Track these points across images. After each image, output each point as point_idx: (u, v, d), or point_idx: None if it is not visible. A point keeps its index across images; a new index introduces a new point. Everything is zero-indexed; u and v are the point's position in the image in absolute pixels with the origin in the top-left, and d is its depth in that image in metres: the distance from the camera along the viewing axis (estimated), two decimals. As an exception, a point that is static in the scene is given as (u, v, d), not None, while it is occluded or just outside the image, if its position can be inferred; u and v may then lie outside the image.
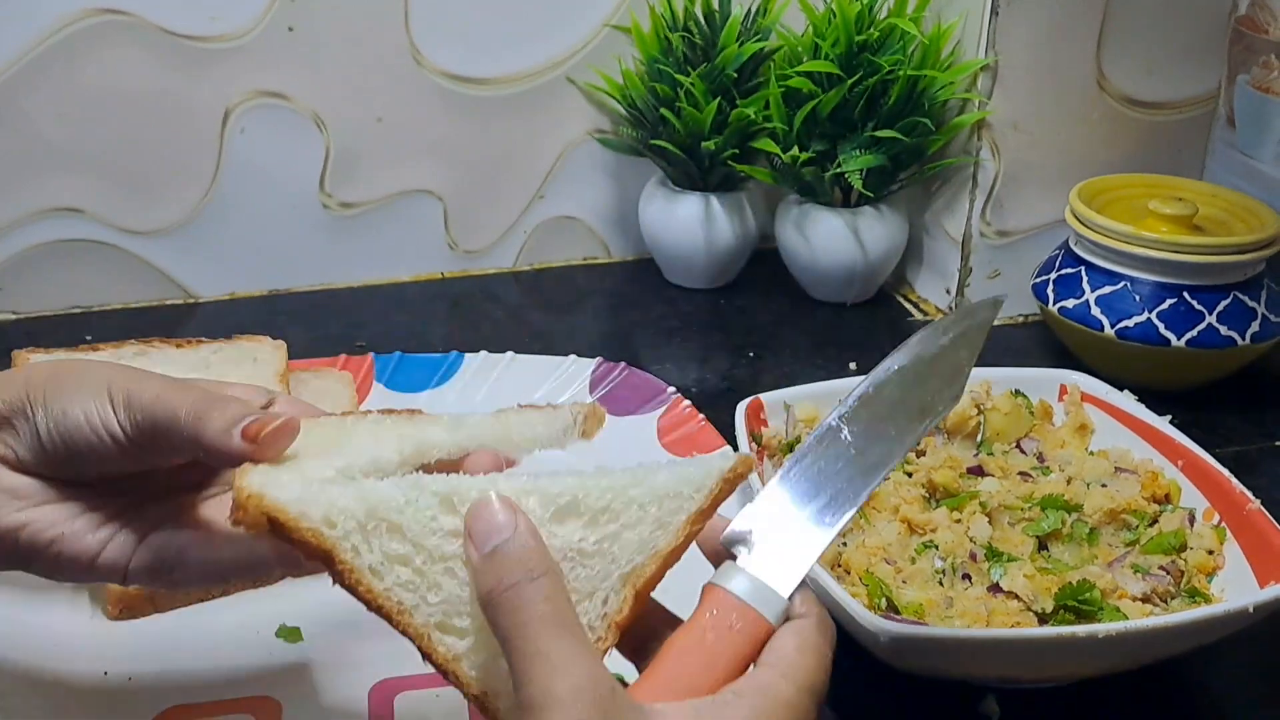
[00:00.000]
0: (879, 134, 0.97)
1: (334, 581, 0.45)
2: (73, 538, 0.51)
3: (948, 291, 1.05)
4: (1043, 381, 0.79)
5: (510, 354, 0.89)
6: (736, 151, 1.02)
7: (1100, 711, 0.63)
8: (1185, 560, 0.66)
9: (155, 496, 0.53)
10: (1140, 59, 0.98)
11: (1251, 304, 0.88)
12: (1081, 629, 0.57)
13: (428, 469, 0.49)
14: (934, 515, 0.69)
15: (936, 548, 0.67)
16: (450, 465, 0.50)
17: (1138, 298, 0.88)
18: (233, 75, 1.00)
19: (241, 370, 0.74)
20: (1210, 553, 0.66)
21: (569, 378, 0.87)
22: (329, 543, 0.44)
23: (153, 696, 0.60)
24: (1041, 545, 0.68)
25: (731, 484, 0.47)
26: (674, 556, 0.48)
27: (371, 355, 0.89)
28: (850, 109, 0.98)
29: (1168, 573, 0.65)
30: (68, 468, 0.50)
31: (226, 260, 1.05)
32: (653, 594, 0.48)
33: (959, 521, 0.69)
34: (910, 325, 1.05)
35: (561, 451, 0.55)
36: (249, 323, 0.98)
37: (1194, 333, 0.87)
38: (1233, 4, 0.99)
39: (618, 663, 0.47)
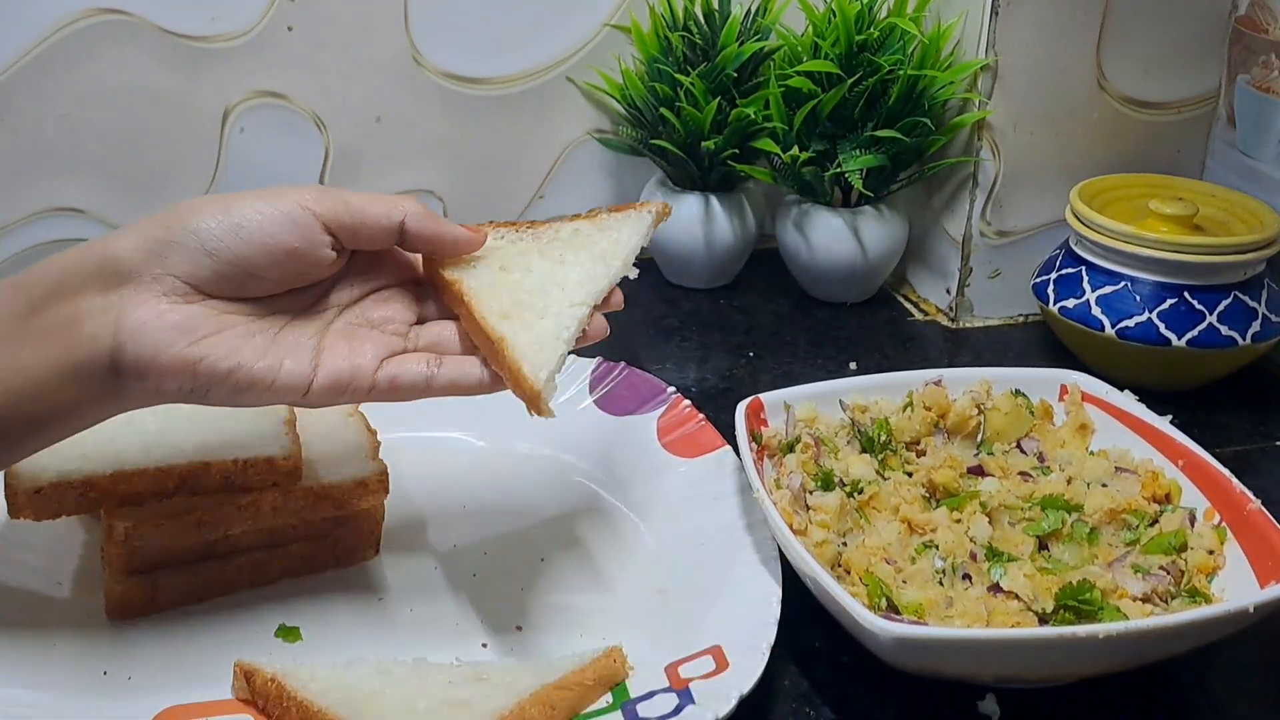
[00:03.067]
0: (879, 134, 0.97)
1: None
2: (250, 363, 0.54)
3: (948, 291, 1.05)
4: (1043, 381, 0.79)
5: (510, 354, 0.88)
6: (736, 151, 1.02)
7: (1100, 711, 0.63)
8: (1185, 560, 0.66)
9: (308, 317, 0.58)
10: (1140, 59, 0.98)
11: (1252, 304, 0.88)
12: (1082, 629, 0.57)
13: None
14: (934, 515, 0.69)
15: (937, 548, 0.67)
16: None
17: (1138, 298, 0.88)
18: (232, 75, 1.00)
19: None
20: (1211, 553, 0.66)
21: (569, 377, 0.87)
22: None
23: (152, 696, 0.60)
24: (1042, 545, 0.68)
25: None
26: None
27: (371, 355, 0.89)
28: (850, 109, 0.98)
29: (1168, 573, 0.65)
30: (241, 278, 0.54)
31: (226, 260, 1.05)
32: None
33: (959, 521, 0.69)
34: (910, 325, 1.05)
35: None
36: (249, 322, 0.98)
37: (1194, 333, 0.87)
38: (1232, 4, 0.99)
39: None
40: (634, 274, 0.64)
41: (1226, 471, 0.69)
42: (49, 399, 0.53)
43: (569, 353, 0.59)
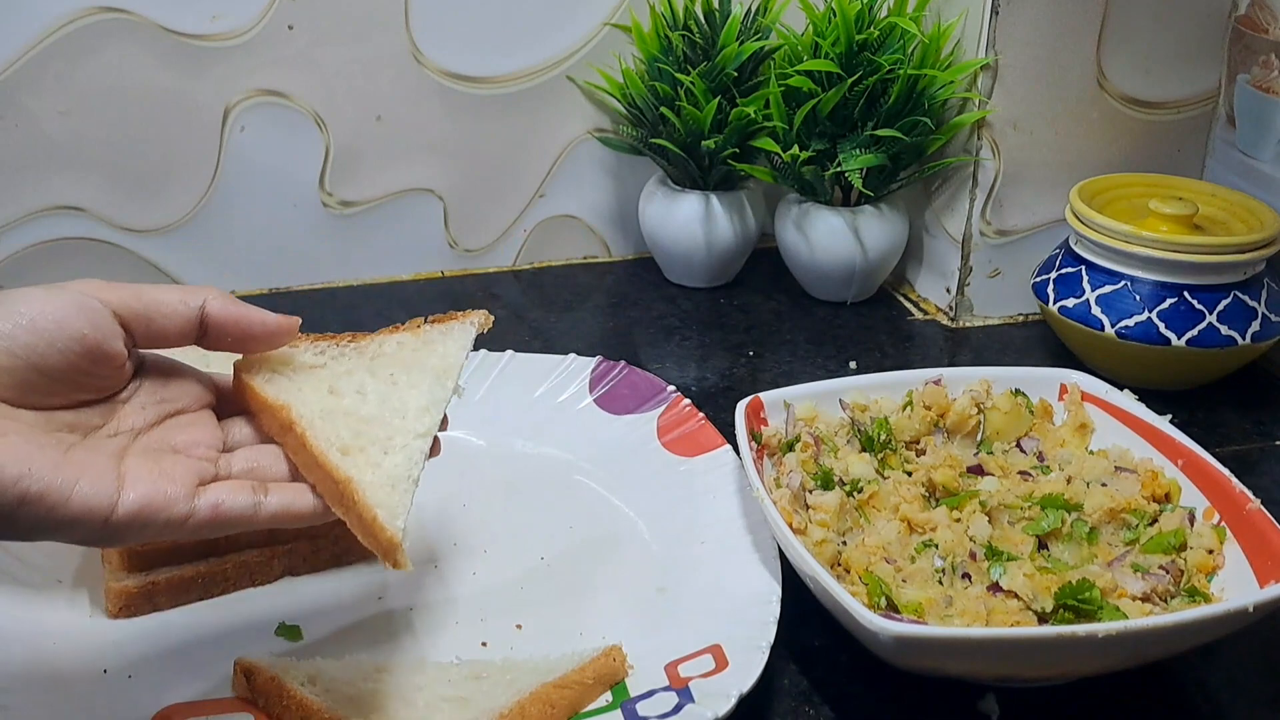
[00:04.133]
0: (879, 133, 0.97)
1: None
2: (41, 471, 0.46)
3: (948, 291, 1.05)
4: (1043, 381, 0.79)
5: (510, 352, 0.89)
6: (736, 150, 1.02)
7: (1099, 710, 0.63)
8: (1185, 560, 0.66)
9: (106, 437, 0.52)
10: (1140, 58, 0.98)
11: (1252, 303, 0.88)
12: (1081, 628, 0.57)
13: None
14: (934, 514, 0.69)
15: (936, 547, 0.67)
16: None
17: (1138, 297, 0.88)
18: (233, 74, 1.00)
19: (241, 369, 0.74)
20: (1210, 552, 0.66)
21: (569, 376, 0.87)
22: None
23: (153, 694, 0.60)
24: (1041, 544, 0.68)
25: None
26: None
27: (371, 354, 0.89)
28: (850, 108, 0.98)
29: (1167, 572, 0.65)
30: (23, 377, 0.48)
31: (226, 259, 1.05)
32: None
33: (959, 521, 0.69)
34: (910, 324, 1.05)
35: None
36: (249, 321, 0.98)
37: (1194, 332, 0.87)
38: (1232, 3, 0.99)
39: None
40: (460, 393, 0.60)
41: (1226, 471, 0.69)
42: None
43: None
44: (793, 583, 0.65)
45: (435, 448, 0.58)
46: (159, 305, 0.52)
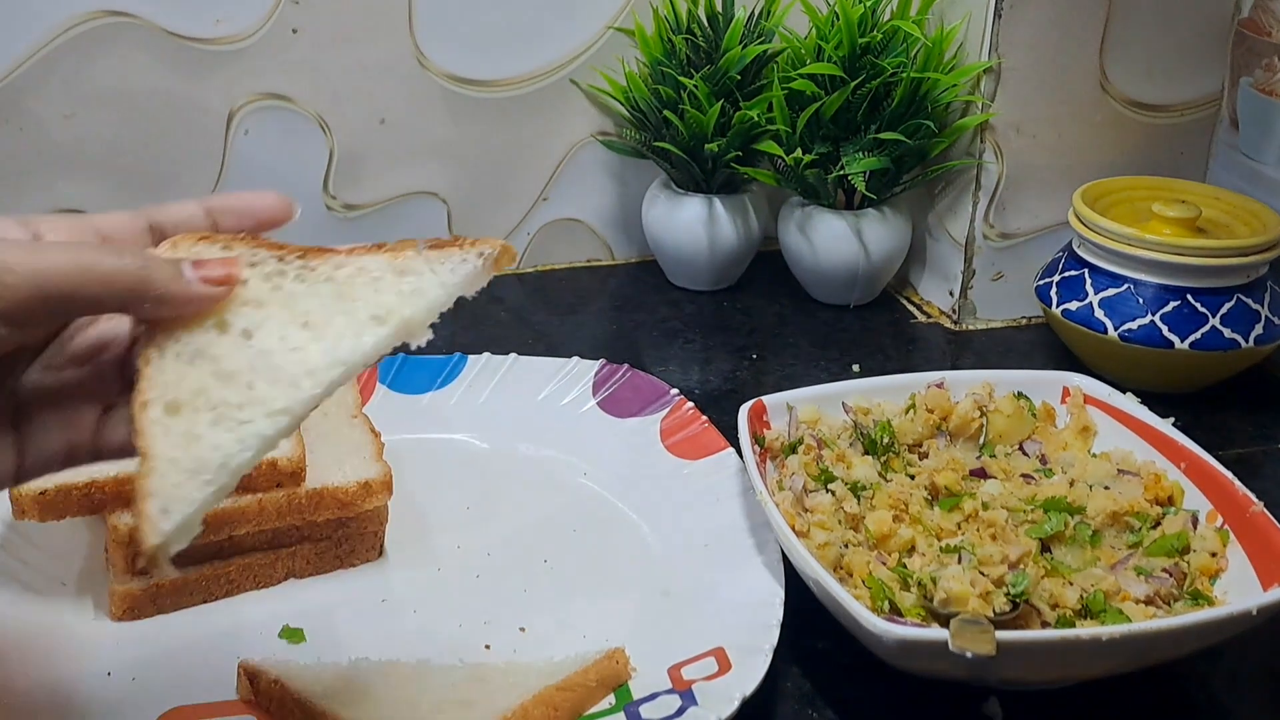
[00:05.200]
0: (882, 136, 0.97)
1: None
2: None
3: (951, 294, 1.05)
4: (1045, 383, 0.79)
5: (513, 355, 0.89)
6: (739, 154, 1.02)
7: (1103, 713, 0.63)
8: (1188, 563, 0.66)
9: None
10: (1143, 61, 0.98)
11: (1255, 306, 0.88)
12: (1085, 631, 0.57)
13: None
14: (935, 516, 0.69)
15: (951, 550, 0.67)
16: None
17: (1141, 300, 0.88)
18: (237, 77, 1.00)
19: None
20: (1213, 555, 0.66)
21: (572, 379, 0.87)
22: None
23: (156, 697, 0.60)
24: (1044, 547, 0.68)
25: None
26: None
27: (375, 356, 0.89)
28: (853, 111, 0.98)
29: (1170, 575, 0.65)
30: None
31: (230, 262, 1.05)
32: None
33: (961, 526, 0.69)
34: (913, 327, 1.05)
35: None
36: (253, 324, 0.98)
37: (1197, 335, 0.87)
38: (1235, 6, 0.99)
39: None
40: (422, 342, 0.47)
41: (1229, 474, 0.69)
42: None
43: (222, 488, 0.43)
44: (796, 585, 0.65)
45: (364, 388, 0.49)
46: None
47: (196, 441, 0.43)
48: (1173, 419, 0.75)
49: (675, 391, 0.84)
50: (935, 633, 0.59)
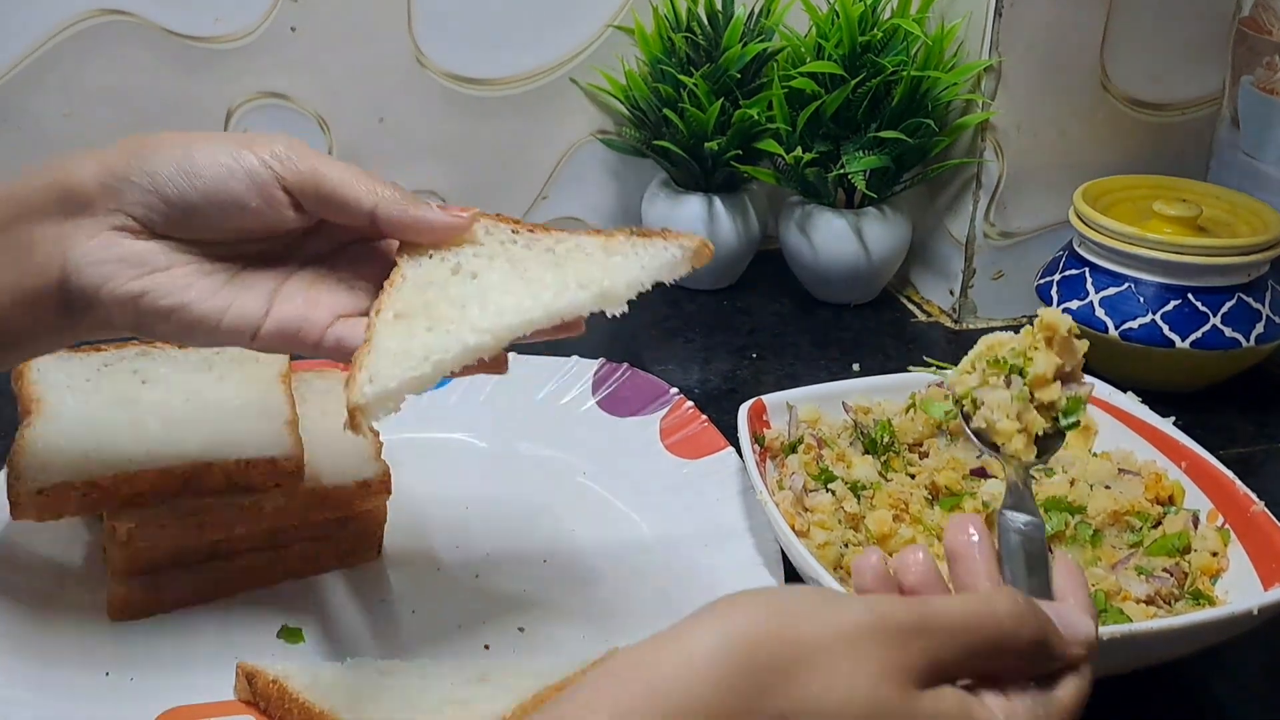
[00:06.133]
0: (882, 135, 0.97)
1: None
2: (196, 302, 0.52)
3: (951, 293, 1.04)
4: (1046, 383, 0.79)
5: (513, 354, 0.88)
6: (739, 152, 1.02)
7: (1103, 713, 0.63)
8: (1189, 562, 0.66)
9: (271, 263, 0.55)
10: (1144, 60, 0.98)
11: (1256, 305, 0.88)
12: (1085, 631, 0.57)
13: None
14: (934, 515, 0.69)
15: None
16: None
17: (1142, 299, 0.88)
18: (235, 76, 1.00)
19: (244, 370, 0.74)
20: (1214, 555, 0.66)
21: (572, 378, 0.87)
22: None
23: (155, 697, 0.60)
24: (1045, 547, 0.68)
25: None
26: None
27: (374, 356, 0.89)
28: (854, 110, 0.98)
29: (1171, 575, 0.65)
30: (193, 225, 0.52)
31: (229, 261, 1.05)
32: None
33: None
34: (914, 326, 1.05)
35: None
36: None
37: (1198, 334, 0.87)
38: (1236, 5, 0.99)
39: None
40: (618, 311, 0.56)
41: (1230, 473, 0.69)
42: (3, 323, 0.53)
43: (438, 383, 0.52)
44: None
45: (499, 363, 0.56)
46: (334, 198, 0.54)
47: (410, 339, 0.52)
48: (1173, 418, 0.75)
49: (675, 391, 0.84)
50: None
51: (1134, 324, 0.88)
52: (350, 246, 0.58)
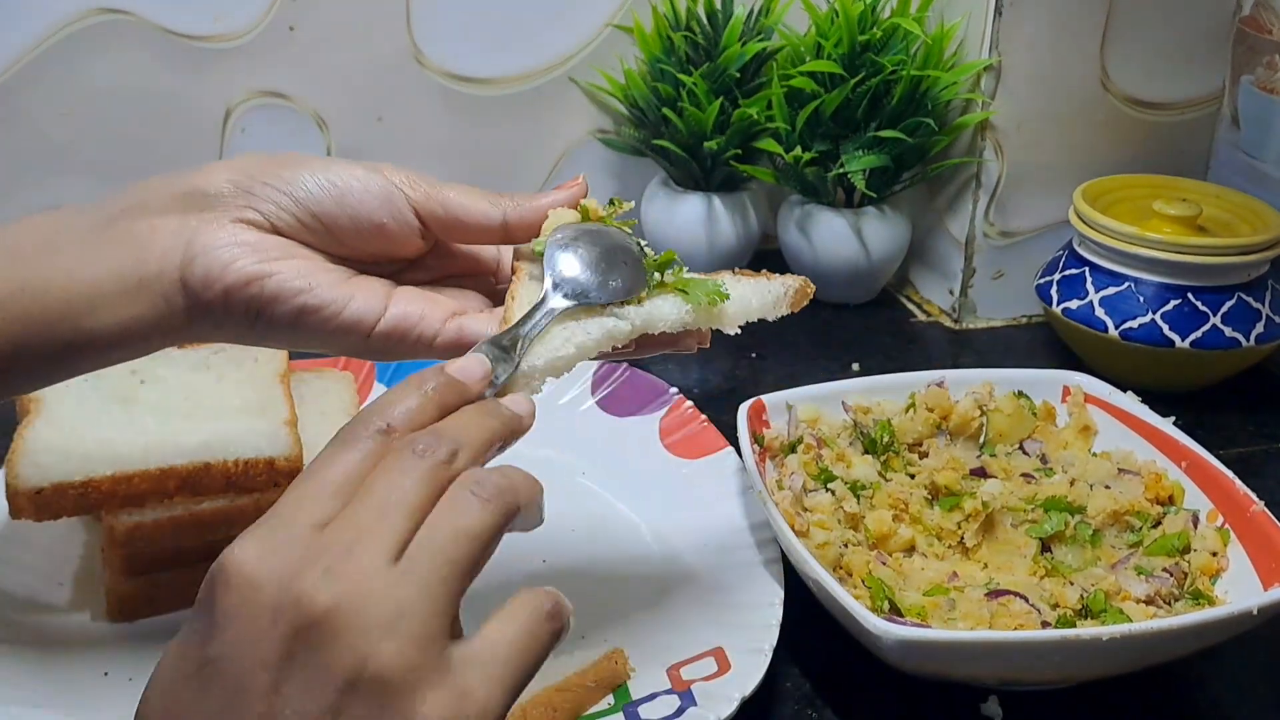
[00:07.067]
0: (882, 134, 0.97)
1: None
2: (321, 289, 0.52)
3: (951, 292, 1.04)
4: (1046, 382, 0.79)
5: (512, 354, 0.88)
6: (739, 151, 1.02)
7: (1103, 713, 0.63)
8: (1189, 562, 0.66)
9: (386, 276, 0.56)
10: (1144, 59, 0.98)
11: (1256, 305, 0.88)
12: (1085, 631, 0.57)
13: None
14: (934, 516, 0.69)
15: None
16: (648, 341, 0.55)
17: (1141, 299, 0.88)
18: (234, 75, 1.00)
19: (243, 370, 0.74)
20: (1214, 555, 0.66)
21: (571, 378, 0.86)
22: None
23: (153, 698, 0.60)
24: (1045, 547, 0.68)
25: None
26: None
27: (373, 355, 0.89)
28: (853, 109, 0.97)
29: (1171, 575, 0.65)
30: (323, 233, 0.53)
31: (228, 260, 1.05)
32: None
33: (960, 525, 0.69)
34: (913, 326, 1.04)
35: None
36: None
37: (1198, 334, 0.87)
38: (1236, 4, 0.99)
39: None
40: (734, 331, 0.58)
41: (1230, 473, 0.69)
42: (110, 312, 0.51)
43: (574, 362, 0.53)
44: (795, 585, 0.64)
45: (703, 337, 0.58)
46: (463, 216, 0.55)
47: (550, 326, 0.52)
48: (1173, 418, 0.75)
49: (674, 390, 0.84)
50: (936, 633, 0.59)
51: (1134, 323, 0.88)
52: (449, 279, 0.59)
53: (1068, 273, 0.93)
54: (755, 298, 0.59)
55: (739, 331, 0.58)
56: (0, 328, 0.50)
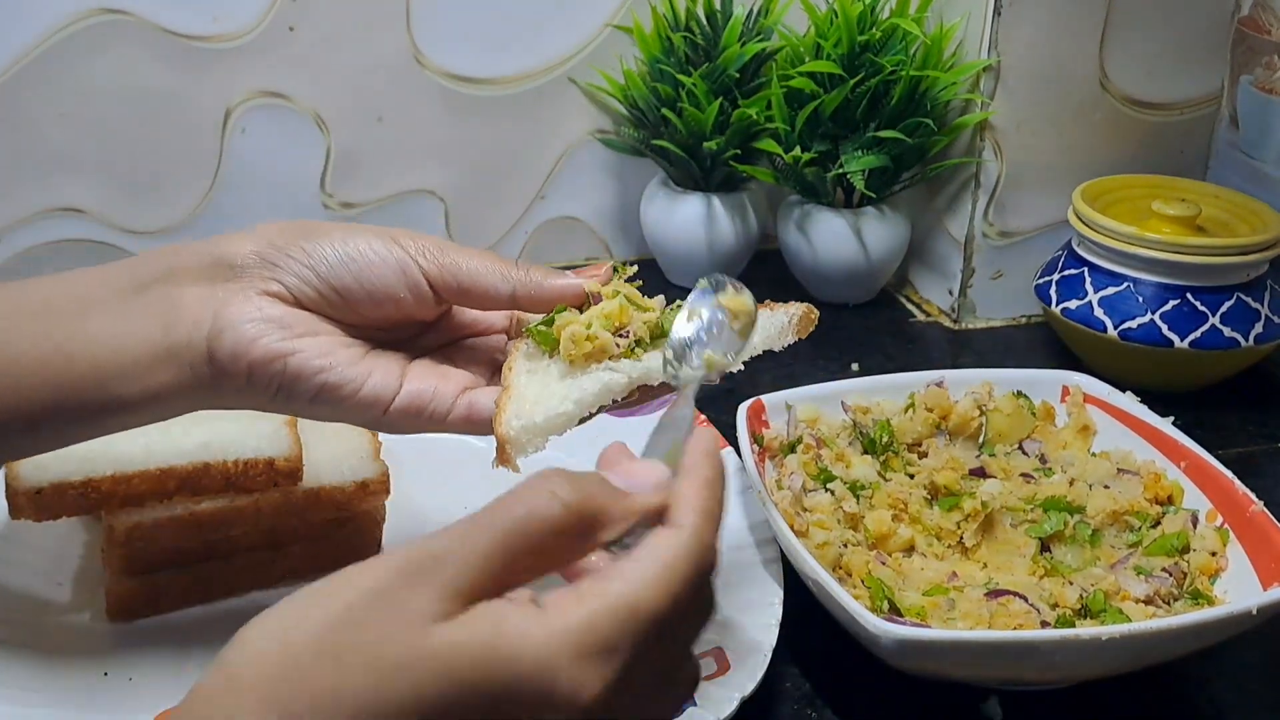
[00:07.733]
0: (881, 134, 0.97)
1: None
2: (341, 367, 0.54)
3: (950, 292, 1.04)
4: (1045, 383, 0.79)
5: (512, 354, 0.88)
6: (738, 152, 1.02)
7: (1103, 713, 0.63)
8: (1188, 562, 0.66)
9: (401, 347, 0.58)
10: (1143, 59, 0.98)
11: (1255, 305, 0.88)
12: (1084, 631, 0.57)
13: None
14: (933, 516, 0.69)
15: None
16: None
17: (1140, 299, 0.88)
18: (234, 75, 1.00)
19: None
20: (1213, 555, 0.66)
21: (570, 378, 0.86)
22: None
23: (153, 697, 0.60)
24: (1044, 547, 0.68)
25: None
26: None
27: (373, 356, 0.89)
28: (852, 109, 0.97)
29: (1170, 575, 0.65)
30: (342, 306, 0.55)
31: (228, 260, 1.05)
32: None
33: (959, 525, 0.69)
34: (913, 326, 1.04)
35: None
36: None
37: (1197, 334, 0.87)
38: (1235, 4, 0.99)
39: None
40: (736, 368, 0.60)
41: (1229, 473, 0.69)
42: (139, 380, 0.53)
43: (579, 421, 0.55)
44: (795, 585, 0.64)
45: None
46: (473, 290, 0.57)
47: (546, 386, 0.55)
48: (1172, 418, 0.75)
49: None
50: (935, 633, 0.59)
51: (1133, 324, 0.88)
52: (464, 340, 0.61)
53: (1067, 273, 0.93)
54: (759, 332, 0.60)
55: (743, 367, 0.60)
56: (33, 392, 0.52)
